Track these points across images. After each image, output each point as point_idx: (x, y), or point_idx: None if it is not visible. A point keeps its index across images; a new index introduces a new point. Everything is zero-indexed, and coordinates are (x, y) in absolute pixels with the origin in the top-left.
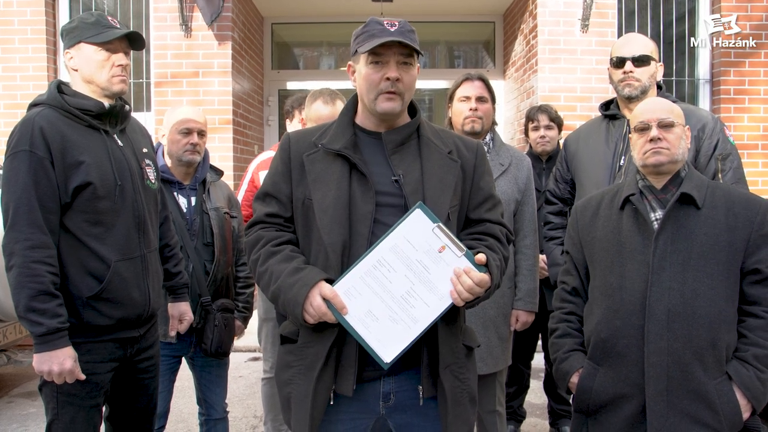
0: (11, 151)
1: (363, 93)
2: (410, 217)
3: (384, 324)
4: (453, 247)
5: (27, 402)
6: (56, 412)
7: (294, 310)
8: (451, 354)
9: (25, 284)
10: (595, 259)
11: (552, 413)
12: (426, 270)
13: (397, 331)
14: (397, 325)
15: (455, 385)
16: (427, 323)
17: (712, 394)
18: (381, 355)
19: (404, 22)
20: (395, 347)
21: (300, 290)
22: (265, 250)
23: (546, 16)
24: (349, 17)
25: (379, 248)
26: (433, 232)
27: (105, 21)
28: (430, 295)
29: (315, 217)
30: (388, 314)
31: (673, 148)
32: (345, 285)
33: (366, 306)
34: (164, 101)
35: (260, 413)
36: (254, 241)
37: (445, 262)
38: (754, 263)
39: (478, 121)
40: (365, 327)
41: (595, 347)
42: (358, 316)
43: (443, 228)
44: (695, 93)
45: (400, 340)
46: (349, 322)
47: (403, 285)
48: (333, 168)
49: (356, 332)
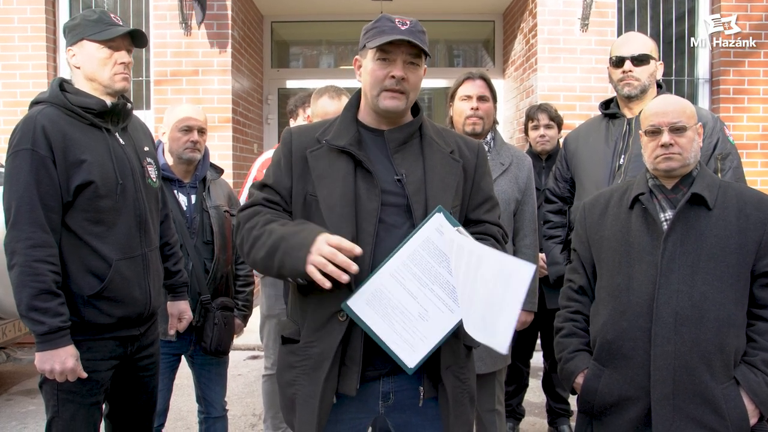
0: (13, 149)
1: (367, 88)
2: (431, 220)
3: (412, 322)
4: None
5: (26, 400)
6: (56, 410)
7: (298, 253)
8: (452, 355)
9: (27, 283)
10: (603, 258)
11: (550, 412)
12: (449, 272)
13: (426, 329)
14: (427, 322)
15: (456, 386)
16: (449, 329)
17: (718, 398)
18: (405, 359)
19: (416, 21)
20: (420, 351)
21: (309, 234)
22: (263, 218)
23: (546, 15)
24: (348, 16)
25: (406, 247)
26: (456, 233)
27: (108, 18)
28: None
29: (319, 213)
30: (417, 312)
31: (685, 153)
32: (375, 282)
33: (395, 303)
34: (164, 99)
35: (259, 411)
36: (251, 214)
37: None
38: (765, 266)
39: (479, 121)
40: (389, 325)
41: (600, 348)
42: (385, 312)
43: (463, 231)
44: (695, 93)
45: (426, 341)
46: (367, 324)
47: (431, 285)
48: (338, 165)
49: (376, 336)
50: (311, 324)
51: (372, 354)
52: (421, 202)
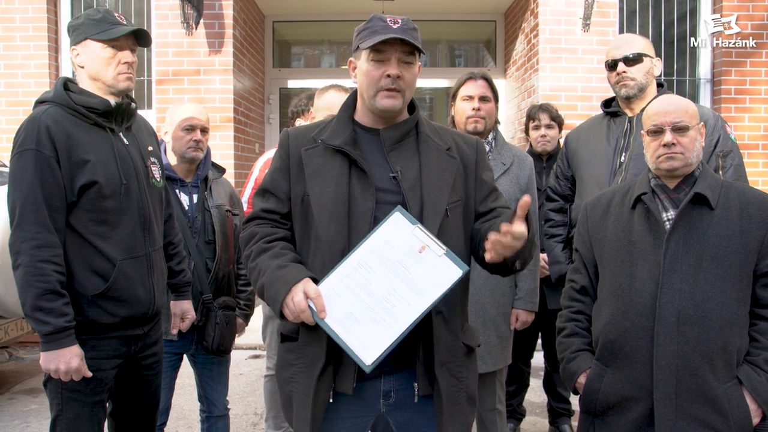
0: (17, 149)
1: (363, 89)
2: (389, 219)
3: (365, 326)
4: (434, 246)
5: (28, 399)
6: (61, 408)
7: (274, 306)
8: (448, 352)
9: (32, 283)
10: (605, 258)
11: (551, 412)
12: (407, 270)
13: (379, 331)
14: (379, 325)
15: (452, 384)
16: (410, 322)
17: (721, 398)
18: (362, 357)
19: (407, 19)
20: (376, 349)
21: (281, 288)
22: (257, 246)
23: (547, 15)
24: (350, 15)
25: (359, 251)
26: (413, 234)
27: (111, 18)
28: (412, 294)
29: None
30: (369, 315)
31: (688, 152)
32: (326, 287)
33: (346, 308)
34: (165, 99)
35: (261, 410)
36: (248, 237)
37: (426, 261)
38: (767, 266)
39: (481, 121)
40: (346, 329)
41: (603, 348)
42: (339, 318)
43: (423, 229)
44: (696, 93)
45: (381, 341)
46: (329, 325)
47: (384, 285)
48: (332, 164)
49: (336, 335)
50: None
51: None
52: (417, 199)
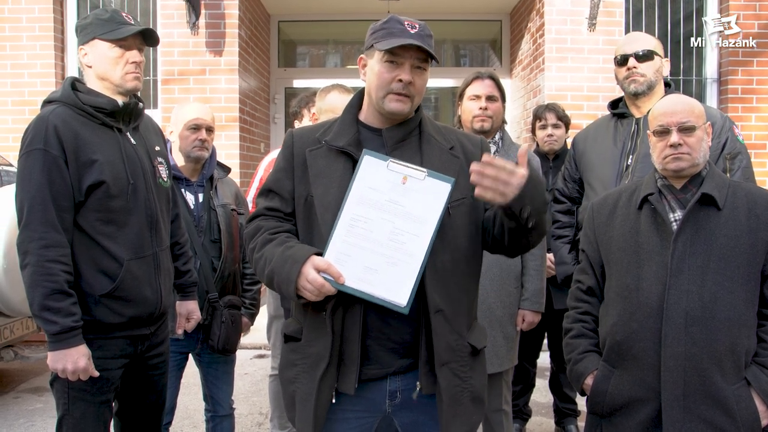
0: (25, 149)
1: (372, 89)
2: (362, 165)
3: (385, 272)
4: (414, 173)
5: (33, 397)
6: (67, 408)
7: (288, 288)
8: (450, 351)
9: (40, 283)
10: (612, 259)
11: (557, 412)
12: (399, 205)
13: (400, 272)
14: (397, 266)
15: (454, 384)
16: (424, 250)
17: (730, 399)
18: (395, 301)
19: (424, 25)
20: (405, 288)
21: (292, 267)
22: (262, 238)
23: (553, 14)
24: (355, 15)
25: (347, 207)
26: (389, 169)
27: (119, 17)
28: (414, 225)
29: (316, 213)
30: (384, 261)
31: (694, 153)
32: (332, 254)
33: (360, 264)
34: (171, 98)
35: (266, 410)
36: (253, 231)
37: (413, 190)
38: None
39: (488, 120)
40: (369, 284)
41: (610, 349)
42: (357, 275)
43: (397, 161)
44: (703, 92)
45: (406, 278)
46: (350, 286)
47: (385, 228)
48: (336, 165)
49: (362, 292)
50: (310, 323)
51: (375, 352)
52: None
